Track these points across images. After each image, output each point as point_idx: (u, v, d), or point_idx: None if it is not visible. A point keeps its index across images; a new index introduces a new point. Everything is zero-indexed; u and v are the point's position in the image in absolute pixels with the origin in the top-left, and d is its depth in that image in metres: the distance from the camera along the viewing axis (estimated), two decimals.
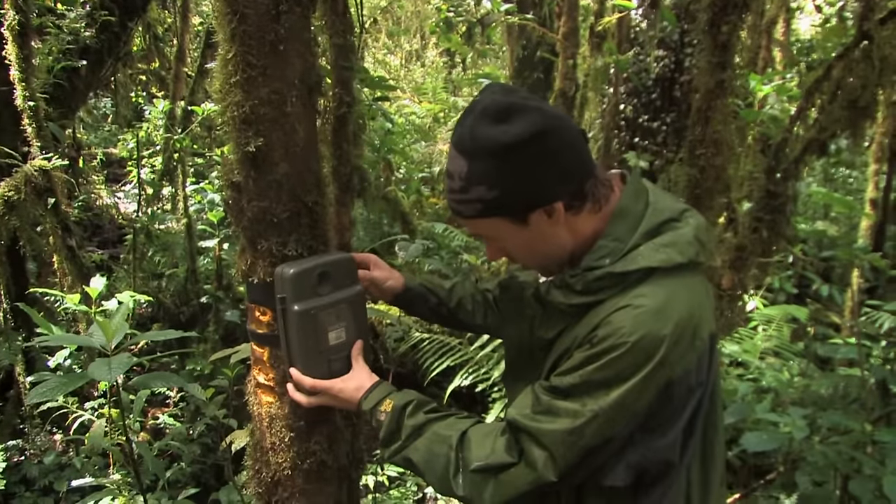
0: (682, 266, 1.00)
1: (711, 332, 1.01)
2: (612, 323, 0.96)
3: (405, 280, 1.46)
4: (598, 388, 0.97)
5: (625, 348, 0.94)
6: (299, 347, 1.23)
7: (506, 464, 1.02)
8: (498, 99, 0.98)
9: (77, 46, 3.59)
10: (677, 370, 0.96)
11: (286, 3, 1.16)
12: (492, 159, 0.96)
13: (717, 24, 1.80)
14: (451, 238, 4.83)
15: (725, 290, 2.03)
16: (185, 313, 4.57)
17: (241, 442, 2.01)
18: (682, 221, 1.04)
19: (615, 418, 0.96)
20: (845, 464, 2.17)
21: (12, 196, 2.85)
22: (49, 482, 3.01)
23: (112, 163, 7.48)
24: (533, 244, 1.05)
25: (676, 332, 0.95)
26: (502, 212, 1.01)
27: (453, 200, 1.04)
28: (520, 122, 0.95)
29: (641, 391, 0.95)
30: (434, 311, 1.48)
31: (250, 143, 1.18)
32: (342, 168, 1.54)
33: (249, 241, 1.26)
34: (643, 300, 0.96)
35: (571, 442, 0.97)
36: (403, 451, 1.13)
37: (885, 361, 2.99)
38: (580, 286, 1.02)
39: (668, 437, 0.99)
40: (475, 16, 4.92)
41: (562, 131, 0.98)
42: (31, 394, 1.58)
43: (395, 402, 1.16)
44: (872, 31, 1.88)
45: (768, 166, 1.96)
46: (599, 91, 5.39)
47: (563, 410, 0.99)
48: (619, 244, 1.00)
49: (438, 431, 1.10)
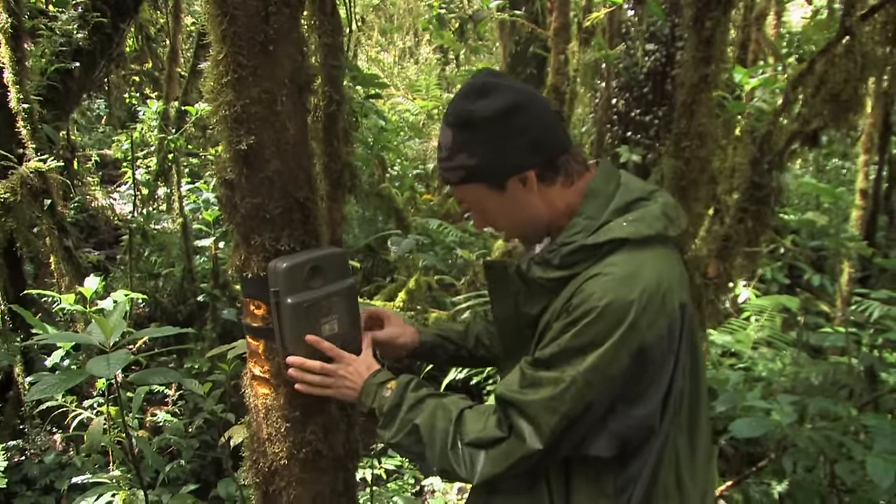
0: (652, 238, 1.08)
1: (682, 301, 1.07)
2: (584, 290, 1.04)
3: (420, 335, 1.47)
4: (576, 355, 1.04)
5: (596, 313, 1.01)
6: (293, 339, 1.26)
7: (497, 438, 1.09)
8: (480, 80, 1.12)
9: (70, 48, 3.60)
10: (649, 336, 1.02)
11: (275, 5, 1.19)
12: (471, 130, 1.10)
13: (701, 19, 1.85)
14: (446, 234, 4.86)
15: (712, 279, 2.07)
16: (182, 312, 4.59)
17: (239, 437, 2.04)
18: (650, 200, 1.13)
19: (592, 382, 1.02)
20: (833, 449, 2.21)
21: (8, 198, 2.87)
22: (50, 481, 3.04)
23: (106, 164, 7.48)
24: (511, 211, 1.15)
25: (644, 298, 1.01)
26: (481, 178, 1.12)
27: (441, 168, 1.17)
28: (497, 98, 1.08)
29: (615, 355, 1.01)
30: (454, 357, 1.51)
31: (242, 141, 1.21)
32: (333, 165, 1.57)
33: (243, 237, 1.29)
34: (613, 268, 1.04)
35: (553, 408, 1.03)
36: (408, 418, 1.17)
37: (872, 348, 3.04)
38: (557, 260, 1.10)
39: (647, 406, 1.05)
40: (466, 12, 4.94)
41: (533, 107, 1.10)
42: (31, 391, 1.61)
43: (399, 380, 1.23)
44: (854, 27, 1.91)
45: (753, 158, 2.00)
46: (590, 86, 5.42)
47: (545, 380, 1.06)
48: (592, 221, 1.09)
49: (440, 403, 1.18)
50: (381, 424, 1.22)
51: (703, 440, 1.17)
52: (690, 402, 1.13)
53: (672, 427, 1.10)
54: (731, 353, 3.88)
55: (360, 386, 1.25)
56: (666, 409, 1.07)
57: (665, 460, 1.10)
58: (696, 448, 1.15)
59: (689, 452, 1.14)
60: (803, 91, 2.07)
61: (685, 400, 1.12)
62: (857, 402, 2.67)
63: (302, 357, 1.27)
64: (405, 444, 1.18)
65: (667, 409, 1.07)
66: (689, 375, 1.12)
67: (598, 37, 4.03)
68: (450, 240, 4.88)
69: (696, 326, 1.15)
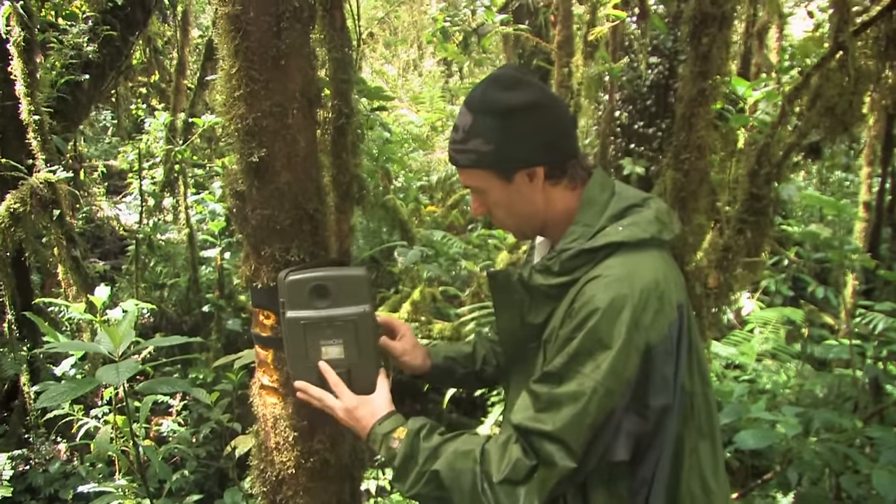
0: (647, 242, 1.11)
1: (680, 301, 1.10)
2: (585, 293, 1.07)
3: (431, 359, 1.46)
4: (586, 360, 1.04)
5: (599, 314, 1.04)
6: (288, 352, 1.26)
7: (528, 469, 1.07)
8: (509, 72, 1.16)
9: (80, 61, 3.66)
10: (653, 335, 1.04)
11: (287, 20, 1.22)
12: (493, 118, 1.13)
13: (699, 35, 1.88)
14: (450, 245, 4.87)
15: (712, 289, 2.09)
16: (187, 322, 4.61)
17: (245, 447, 2.05)
18: (644, 206, 1.17)
19: (613, 389, 1.03)
20: (838, 461, 2.21)
21: (18, 208, 2.90)
22: (54, 490, 3.04)
23: (112, 175, 7.54)
24: (513, 202, 1.19)
25: (643, 297, 1.04)
26: (492, 165, 1.15)
27: (453, 150, 1.18)
28: (523, 92, 1.13)
29: (627, 357, 1.03)
30: (463, 380, 1.50)
31: (254, 153, 1.23)
32: (341, 177, 1.59)
33: (253, 248, 1.31)
34: (611, 270, 1.07)
35: (579, 422, 1.03)
36: (425, 469, 1.13)
37: (876, 360, 3.03)
38: (557, 267, 1.12)
39: (654, 404, 1.06)
40: (471, 25, 4.99)
41: (554, 109, 1.16)
42: (40, 399, 1.63)
43: (409, 428, 1.18)
44: (847, 42, 1.95)
45: (752, 169, 2.03)
46: (594, 99, 5.45)
47: (563, 397, 1.05)
48: (588, 228, 1.13)
49: (458, 448, 1.13)
50: (394, 477, 1.17)
51: (717, 438, 1.18)
52: (707, 407, 1.14)
53: (690, 430, 1.11)
54: (736, 365, 3.88)
55: (367, 431, 1.21)
56: (671, 407, 1.08)
57: (686, 465, 1.11)
58: (718, 454, 1.17)
59: (713, 458, 1.15)
60: (799, 104, 2.10)
61: (699, 403, 1.13)
62: (862, 415, 2.66)
63: (300, 375, 1.26)
64: (425, 493, 1.14)
65: (672, 407, 1.08)
66: (697, 377, 1.13)
67: (602, 50, 4.07)
68: (454, 251, 4.90)
69: (696, 329, 1.17)
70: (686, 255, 2.06)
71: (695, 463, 1.12)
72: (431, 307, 4.27)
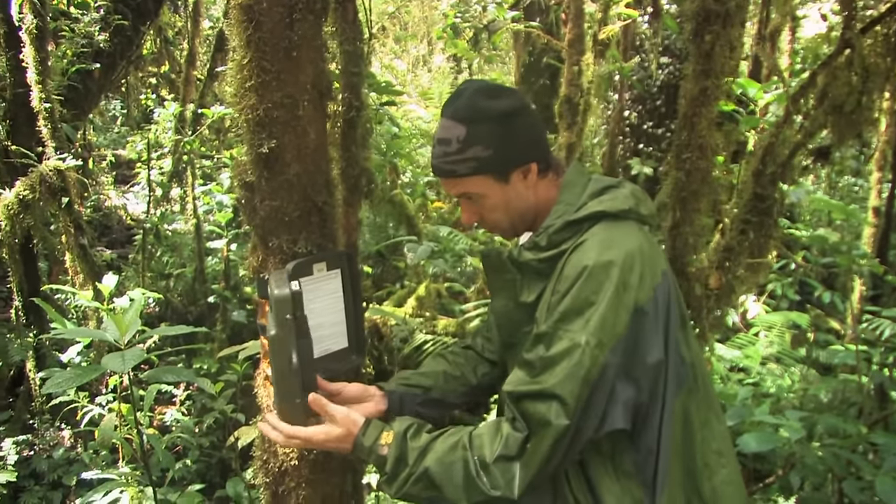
0: (627, 213, 1.18)
1: (664, 269, 1.16)
2: (571, 259, 1.14)
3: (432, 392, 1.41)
4: (575, 318, 1.08)
5: (586, 273, 1.09)
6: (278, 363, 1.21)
7: (521, 441, 1.07)
8: (482, 84, 1.23)
9: (91, 50, 3.67)
10: (640, 295, 1.09)
11: (300, 12, 1.22)
12: (489, 124, 1.18)
13: (701, 33, 1.85)
14: (456, 241, 4.87)
15: (713, 290, 2.08)
16: (192, 313, 4.63)
17: (248, 438, 2.05)
18: (619, 186, 1.24)
19: (603, 341, 1.06)
20: (841, 466, 2.20)
21: (27, 195, 2.92)
22: (58, 476, 3.06)
23: (121, 164, 7.57)
24: (509, 201, 1.24)
25: (628, 259, 1.10)
26: (492, 169, 1.20)
27: (447, 163, 1.21)
28: (508, 99, 1.21)
29: (616, 312, 1.07)
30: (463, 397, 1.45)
31: (264, 144, 1.23)
32: (350, 170, 1.59)
33: (261, 239, 1.31)
34: (596, 237, 1.14)
35: (574, 374, 1.05)
36: (416, 472, 1.11)
37: (882, 366, 3.02)
38: (545, 241, 1.19)
39: (647, 370, 1.09)
40: (481, 22, 4.97)
41: (532, 110, 1.25)
42: (46, 384, 1.64)
43: (395, 430, 1.16)
44: (854, 39, 1.92)
45: (756, 169, 2.01)
46: (603, 98, 5.43)
47: (556, 356, 1.07)
48: (571, 206, 1.21)
49: (446, 441, 1.13)
50: (385, 480, 1.15)
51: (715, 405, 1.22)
52: (705, 379, 1.19)
53: (698, 403, 1.15)
54: (740, 368, 3.86)
55: (351, 445, 1.18)
56: (667, 375, 1.11)
57: (699, 437, 1.14)
58: (724, 426, 1.21)
59: (721, 427, 1.19)
60: (805, 104, 2.07)
61: (698, 374, 1.17)
62: (866, 420, 2.65)
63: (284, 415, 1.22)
64: (414, 493, 1.13)
65: (668, 374, 1.11)
66: (696, 349, 1.18)
67: (613, 49, 4.05)
68: (459, 247, 4.89)
69: (683, 302, 1.21)
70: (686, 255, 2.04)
71: (707, 435, 1.16)
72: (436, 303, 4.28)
